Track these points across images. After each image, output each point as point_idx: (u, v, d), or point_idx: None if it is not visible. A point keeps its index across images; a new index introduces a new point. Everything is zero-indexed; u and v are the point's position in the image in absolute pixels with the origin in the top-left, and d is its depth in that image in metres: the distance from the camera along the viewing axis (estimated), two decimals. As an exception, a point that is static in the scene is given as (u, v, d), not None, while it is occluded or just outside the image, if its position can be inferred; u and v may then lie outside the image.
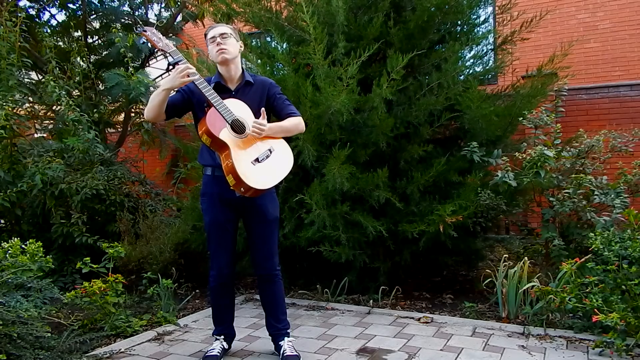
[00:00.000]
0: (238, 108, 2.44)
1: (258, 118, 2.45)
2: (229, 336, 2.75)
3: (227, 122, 2.36)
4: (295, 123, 2.55)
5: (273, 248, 2.60)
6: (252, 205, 2.51)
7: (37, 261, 2.85)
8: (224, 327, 2.72)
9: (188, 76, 2.30)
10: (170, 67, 2.42)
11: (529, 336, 2.93)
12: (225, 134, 2.36)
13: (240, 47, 2.56)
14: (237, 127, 2.38)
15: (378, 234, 3.49)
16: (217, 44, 2.45)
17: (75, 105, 4.62)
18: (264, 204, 2.53)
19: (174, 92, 2.48)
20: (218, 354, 2.61)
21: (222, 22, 4.28)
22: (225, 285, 2.64)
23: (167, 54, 2.39)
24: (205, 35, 2.56)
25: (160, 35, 2.43)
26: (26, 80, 5.79)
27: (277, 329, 2.65)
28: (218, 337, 2.70)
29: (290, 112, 2.57)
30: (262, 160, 2.39)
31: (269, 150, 2.44)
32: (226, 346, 2.71)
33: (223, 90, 2.50)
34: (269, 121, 2.52)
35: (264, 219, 2.55)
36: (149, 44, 5.68)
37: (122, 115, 6.31)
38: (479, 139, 3.69)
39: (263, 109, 2.47)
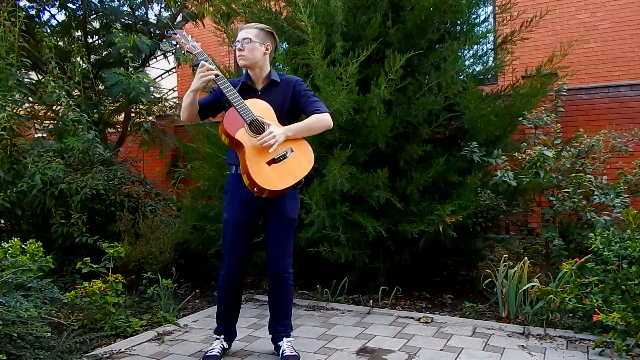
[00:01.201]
0: (259, 108, 2.43)
1: (281, 117, 2.46)
2: (230, 336, 2.74)
3: (245, 121, 2.36)
4: (317, 119, 2.47)
5: (287, 248, 2.59)
6: (272, 204, 2.51)
7: (37, 261, 2.85)
8: (226, 327, 2.72)
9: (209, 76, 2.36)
10: (196, 68, 2.46)
11: (529, 336, 2.93)
12: (242, 134, 2.36)
13: (266, 49, 2.53)
14: (256, 127, 2.37)
15: (378, 234, 3.49)
16: (238, 50, 2.50)
17: (75, 105, 4.62)
18: (283, 204, 2.52)
19: (207, 93, 2.58)
20: (218, 354, 2.60)
21: (221, 22, 4.29)
22: (233, 286, 2.65)
23: (193, 55, 2.45)
24: None
25: (189, 38, 2.50)
26: (26, 80, 5.79)
27: (278, 331, 2.65)
28: (218, 337, 2.69)
29: (316, 108, 2.51)
30: (279, 161, 2.38)
31: (287, 151, 2.41)
32: (226, 346, 2.71)
33: (249, 91, 2.52)
34: (298, 120, 2.52)
35: (281, 218, 2.54)
36: (150, 45, 5.73)
37: (122, 115, 6.32)
38: (478, 139, 3.69)
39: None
